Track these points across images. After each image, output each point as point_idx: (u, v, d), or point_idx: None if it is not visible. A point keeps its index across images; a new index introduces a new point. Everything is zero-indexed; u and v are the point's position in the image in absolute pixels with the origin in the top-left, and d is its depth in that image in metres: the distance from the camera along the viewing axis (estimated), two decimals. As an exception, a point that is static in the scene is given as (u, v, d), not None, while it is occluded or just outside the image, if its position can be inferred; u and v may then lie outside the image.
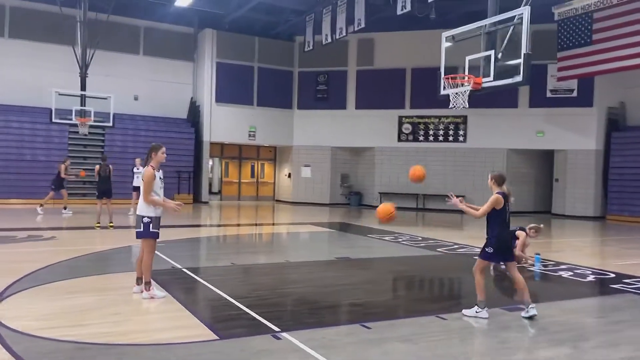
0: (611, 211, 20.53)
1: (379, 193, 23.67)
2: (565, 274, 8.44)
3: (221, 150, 25.05)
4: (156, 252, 9.35)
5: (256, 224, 16.51)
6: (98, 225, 12.67)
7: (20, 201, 18.58)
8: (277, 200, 25.93)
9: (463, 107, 9.08)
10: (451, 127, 22.96)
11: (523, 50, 7.97)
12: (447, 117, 22.87)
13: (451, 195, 5.83)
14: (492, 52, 8.72)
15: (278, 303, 6.11)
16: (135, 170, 15.67)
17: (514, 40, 8.22)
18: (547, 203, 22.81)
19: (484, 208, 5.78)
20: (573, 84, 20.80)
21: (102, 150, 20.83)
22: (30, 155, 19.40)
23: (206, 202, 22.74)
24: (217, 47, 23.06)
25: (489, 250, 5.78)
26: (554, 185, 22.37)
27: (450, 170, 22.92)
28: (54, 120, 17.17)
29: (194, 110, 23.51)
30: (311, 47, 21.05)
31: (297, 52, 24.37)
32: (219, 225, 15.59)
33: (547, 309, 6.18)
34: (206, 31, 23.02)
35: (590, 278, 8.22)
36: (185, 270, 7.77)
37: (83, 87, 17.98)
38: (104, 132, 20.92)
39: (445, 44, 9.58)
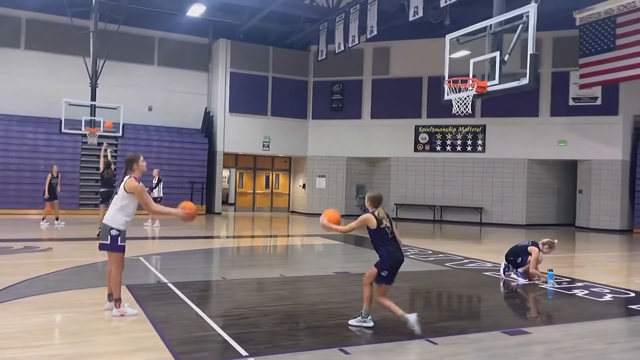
0: (638, 224, 19.56)
1: (395, 204, 23.09)
2: (580, 293, 7.80)
3: (235, 160, 24.83)
4: (147, 264, 9.16)
5: (264, 236, 16.13)
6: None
7: (36, 211, 18.50)
8: (292, 212, 25.54)
9: (466, 113, 8.54)
10: (469, 136, 22.30)
11: (529, 51, 7.42)
12: (465, 126, 22.23)
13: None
14: (497, 54, 8.19)
15: (256, 323, 5.67)
16: (153, 181, 15.51)
17: (521, 41, 7.67)
18: (570, 216, 21.90)
19: (351, 225, 5.50)
20: (597, 91, 19.98)
21: (116, 160, 20.77)
22: (44, 166, 19.43)
23: (219, 213, 22.49)
24: (231, 57, 22.92)
25: (384, 273, 5.46)
26: (578, 197, 21.47)
27: (468, 181, 22.24)
28: (63, 130, 17.14)
29: (208, 121, 23.38)
30: (324, 56, 20.74)
31: (311, 62, 24.08)
32: (226, 237, 15.25)
33: (553, 333, 5.61)
34: (220, 41, 22.92)
35: (608, 297, 7.56)
36: (170, 285, 7.40)
37: (93, 97, 17.97)
38: (117, 142, 20.88)
39: (452, 50, 9.05)
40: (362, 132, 23.56)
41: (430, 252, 12.12)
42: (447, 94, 8.82)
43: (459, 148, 22.46)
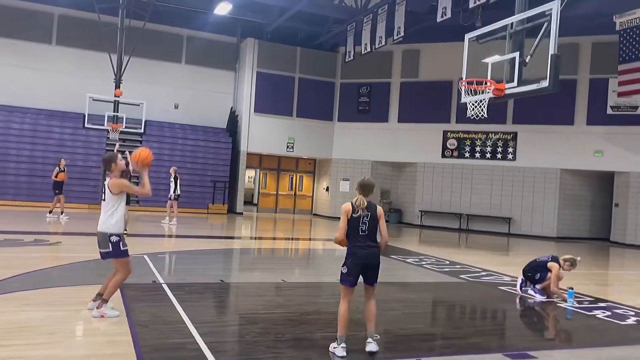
0: (678, 242, 18.48)
1: (420, 211, 22.51)
2: (601, 314, 7.20)
3: (260, 161, 24.68)
4: (149, 263, 8.95)
5: (281, 239, 15.84)
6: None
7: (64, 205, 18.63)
8: (314, 214, 25.22)
9: (482, 117, 8.04)
10: (500, 143, 21.53)
11: (550, 51, 6.89)
12: (495, 133, 21.49)
13: None
14: (516, 55, 7.66)
15: (240, 331, 5.36)
16: (170, 179, 15.48)
17: (543, 42, 7.13)
18: (605, 230, 20.87)
19: (339, 225, 4.90)
20: (637, 100, 18.96)
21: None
22: (69, 160, 19.63)
23: (240, 213, 22.35)
24: (258, 56, 22.79)
25: (343, 269, 4.89)
26: (613, 210, 20.43)
27: (497, 190, 21.47)
28: (86, 125, 17.26)
29: (233, 120, 23.31)
30: (352, 58, 20.39)
31: (339, 63, 23.73)
32: (241, 238, 15.03)
33: (562, 357, 5.10)
34: (247, 40, 22.82)
35: (631, 321, 6.95)
36: (164, 285, 7.17)
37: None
38: (141, 139, 20.99)
39: (471, 51, 8.55)
40: (389, 136, 23.07)
41: (448, 262, 11.59)
42: (464, 97, 8.32)
43: (488, 155, 21.72)
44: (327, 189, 24.30)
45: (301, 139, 23.40)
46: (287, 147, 23.26)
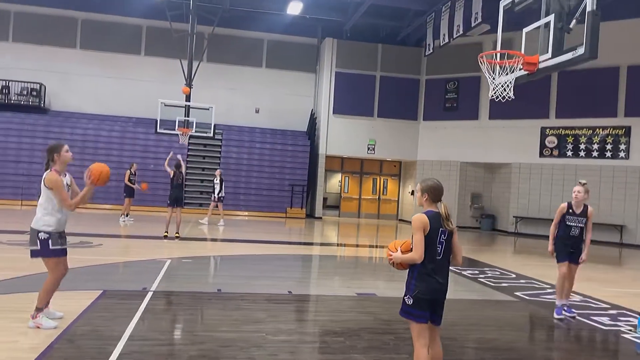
0: None
1: (515, 217, 20.28)
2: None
3: (341, 164, 23.90)
4: (163, 268, 8.48)
5: (340, 245, 14.82)
6: (166, 234, 12.29)
7: (145, 208, 19.33)
8: (400, 220, 23.85)
9: (508, 98, 6.52)
10: (609, 139, 18.71)
11: (588, 8, 5.27)
12: (604, 127, 18.73)
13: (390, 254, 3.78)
14: (551, 18, 6.05)
15: (170, 353, 4.59)
16: (215, 181, 15.30)
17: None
18: None
19: (414, 244, 3.63)
20: None
21: (219, 162, 21.14)
22: (153, 165, 20.34)
23: (319, 218, 21.71)
24: (337, 56, 22.07)
25: (408, 300, 3.63)
26: None
27: (607, 193, 18.64)
28: (159, 130, 17.68)
29: (312, 123, 22.81)
30: (431, 51, 18.94)
31: (424, 59, 22.24)
32: (299, 244, 14.25)
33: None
34: (326, 40, 22.21)
35: None
36: (149, 293, 6.63)
37: (187, 99, 18.31)
38: (221, 143, 21.23)
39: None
40: (479, 134, 21.12)
41: (514, 275, 9.91)
42: (487, 75, 6.82)
43: (595, 153, 18.96)
44: (413, 193, 22.86)
45: (383, 140, 22.24)
46: (368, 149, 22.23)
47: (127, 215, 15.06)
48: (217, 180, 15.47)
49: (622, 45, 17.62)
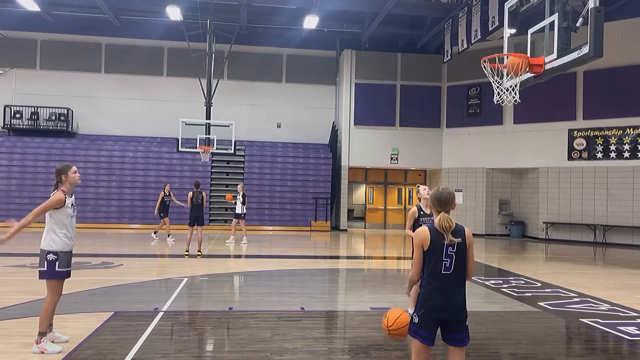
0: None
1: (545, 223, 19.69)
2: None
3: (365, 175, 23.71)
4: (178, 287, 8.48)
5: (367, 257, 14.62)
6: (187, 253, 12.35)
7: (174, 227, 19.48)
8: (427, 230, 23.41)
9: (514, 102, 6.28)
10: (640, 139, 18.05)
11: (590, 4, 5.04)
12: (636, 127, 18.10)
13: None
14: (555, 17, 5.82)
15: (172, 376, 4.53)
16: (237, 197, 15.33)
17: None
18: None
19: (413, 260, 3.47)
20: None
21: (242, 178, 21.25)
22: (178, 183, 20.58)
23: (344, 230, 21.54)
24: (356, 67, 22.01)
25: (414, 319, 3.43)
26: None
27: (641, 194, 17.97)
28: (180, 149, 17.86)
29: (334, 135, 22.75)
30: (449, 57, 18.70)
31: (444, 65, 21.97)
32: (320, 257, 14.14)
33: None
34: (345, 52, 22.19)
35: None
36: (160, 313, 6.61)
37: (208, 116, 18.47)
38: (244, 159, 21.35)
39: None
40: (505, 140, 20.68)
41: (539, 284, 9.56)
42: (491, 80, 6.61)
43: (627, 154, 18.32)
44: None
45: (406, 149, 21.99)
46: (391, 159, 22.00)
47: (169, 236, 15.32)
48: (239, 196, 15.42)
49: None
